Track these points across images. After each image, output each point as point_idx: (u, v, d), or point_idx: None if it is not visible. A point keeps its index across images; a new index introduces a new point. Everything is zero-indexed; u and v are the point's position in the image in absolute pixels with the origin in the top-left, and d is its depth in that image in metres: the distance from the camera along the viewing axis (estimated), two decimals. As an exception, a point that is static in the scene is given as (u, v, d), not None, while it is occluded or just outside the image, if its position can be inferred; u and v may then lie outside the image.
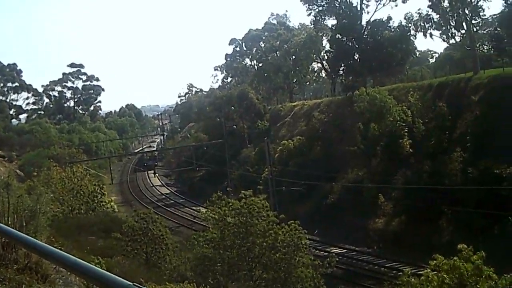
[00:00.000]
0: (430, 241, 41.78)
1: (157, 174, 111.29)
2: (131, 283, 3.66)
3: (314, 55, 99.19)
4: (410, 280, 18.15)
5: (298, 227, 26.72)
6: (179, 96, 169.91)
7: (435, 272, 17.84)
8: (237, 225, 25.67)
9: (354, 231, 51.47)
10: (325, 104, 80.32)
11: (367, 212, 52.24)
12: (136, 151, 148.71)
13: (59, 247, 14.18)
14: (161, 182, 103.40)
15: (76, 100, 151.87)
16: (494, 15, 68.44)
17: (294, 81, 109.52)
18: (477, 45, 69.34)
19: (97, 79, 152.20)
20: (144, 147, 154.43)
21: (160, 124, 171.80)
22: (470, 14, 61.84)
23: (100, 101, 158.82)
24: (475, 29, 66.06)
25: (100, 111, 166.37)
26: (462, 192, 42.72)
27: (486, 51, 72.41)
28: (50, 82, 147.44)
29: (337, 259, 30.52)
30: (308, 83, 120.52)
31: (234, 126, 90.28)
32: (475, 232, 37.42)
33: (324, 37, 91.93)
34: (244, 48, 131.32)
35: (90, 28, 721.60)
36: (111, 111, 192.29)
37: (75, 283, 11.19)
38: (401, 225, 48.89)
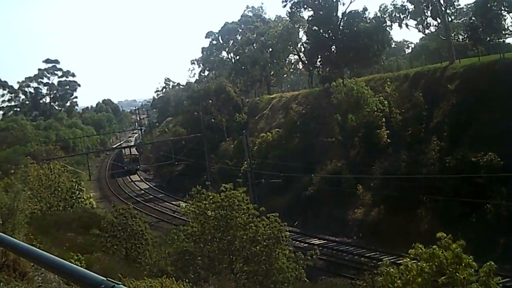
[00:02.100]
0: (408, 230, 42.11)
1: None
2: (105, 279, 3.64)
3: (291, 47, 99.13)
4: (389, 270, 18.22)
5: (278, 219, 26.75)
6: (156, 91, 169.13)
7: (414, 261, 17.94)
8: (217, 218, 25.64)
9: (334, 221, 51.74)
10: (302, 96, 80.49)
11: (346, 202, 52.53)
12: (114, 146, 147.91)
13: (38, 245, 14.07)
14: (139, 178, 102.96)
15: (52, 96, 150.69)
16: (469, 4, 69.12)
17: (271, 73, 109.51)
18: (452, 35, 69.89)
19: (73, 75, 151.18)
20: (121, 142, 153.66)
21: (138, 119, 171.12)
22: (445, 4, 62.30)
23: (76, 97, 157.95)
24: (450, 19, 66.59)
25: (76, 107, 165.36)
26: (440, 181, 43.08)
27: (461, 40, 73.00)
28: (25, 78, 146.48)
29: (318, 250, 30.58)
30: (285, 75, 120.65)
31: (212, 120, 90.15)
32: (453, 220, 37.76)
33: (300, 29, 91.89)
34: (221, 41, 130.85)
35: (65, 23, 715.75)
36: (87, 107, 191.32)
37: (54, 280, 11.09)
38: (380, 215, 49.23)
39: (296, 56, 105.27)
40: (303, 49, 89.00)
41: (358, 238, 48.92)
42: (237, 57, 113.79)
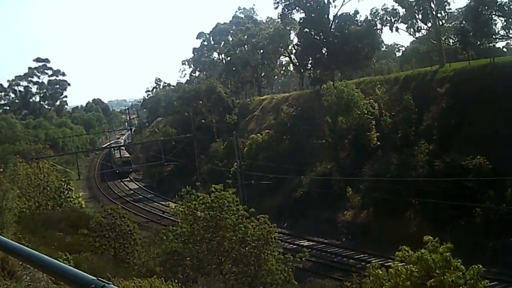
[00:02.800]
0: (397, 232, 42.19)
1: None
2: (95, 278, 3.63)
3: (282, 49, 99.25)
4: (377, 272, 18.28)
5: (267, 220, 26.74)
6: (146, 91, 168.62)
7: (403, 264, 18.01)
8: (207, 219, 25.60)
9: (323, 223, 51.80)
10: (293, 97, 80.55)
11: (336, 204, 52.63)
12: (103, 146, 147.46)
13: (26, 244, 14.02)
14: (129, 177, 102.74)
15: (42, 95, 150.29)
16: (460, 8, 69.28)
17: (262, 75, 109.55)
18: (443, 39, 70.08)
19: (63, 74, 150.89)
20: (111, 142, 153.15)
21: (128, 118, 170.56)
22: (436, 8, 62.56)
23: (66, 96, 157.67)
24: (441, 23, 66.85)
25: (66, 106, 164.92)
26: (429, 184, 43.22)
27: (452, 44, 73.22)
28: (15, 77, 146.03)
29: (307, 252, 30.63)
30: (276, 77, 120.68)
31: (203, 121, 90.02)
32: (442, 223, 37.94)
33: (291, 31, 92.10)
34: (212, 42, 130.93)
35: (56, 22, 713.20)
36: (77, 106, 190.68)
37: (42, 279, 11.07)
38: (369, 217, 49.34)
39: (287, 58, 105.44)
40: (294, 51, 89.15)
41: (347, 240, 49.00)
42: (228, 58, 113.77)
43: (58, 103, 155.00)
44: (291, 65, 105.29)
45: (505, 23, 51.97)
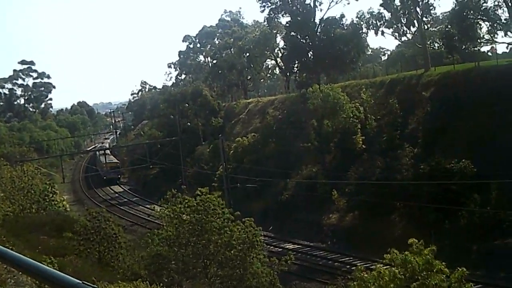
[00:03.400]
0: (382, 235, 42.30)
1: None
2: (80, 281, 3.61)
3: (268, 52, 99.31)
4: (363, 275, 18.31)
5: (253, 224, 26.73)
6: (132, 94, 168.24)
7: (387, 267, 18.05)
8: (192, 222, 25.54)
9: (308, 226, 51.84)
10: (279, 101, 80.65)
11: (321, 207, 52.69)
12: (88, 149, 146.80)
13: (11, 247, 13.90)
14: (118, 184, 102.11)
15: (26, 97, 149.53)
16: (445, 12, 69.87)
17: (248, 78, 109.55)
18: (428, 43, 70.57)
19: (48, 76, 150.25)
20: (96, 145, 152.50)
21: (113, 121, 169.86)
22: (421, 12, 62.90)
23: (51, 99, 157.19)
24: (426, 27, 67.23)
25: (51, 109, 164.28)
26: (414, 187, 43.43)
27: (437, 48, 73.73)
28: (0, 79, 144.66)
29: (292, 255, 30.61)
30: (262, 80, 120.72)
31: (189, 124, 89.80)
32: (427, 226, 38.06)
33: (278, 34, 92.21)
34: (198, 45, 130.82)
35: (41, 24, 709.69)
36: (62, 109, 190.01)
37: (27, 282, 10.99)
38: (354, 220, 49.45)
39: (273, 61, 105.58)
40: (280, 55, 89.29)
41: (333, 243, 49.07)
42: (214, 61, 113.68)
43: (43, 105, 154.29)
44: (277, 68, 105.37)
45: (490, 28, 52.35)
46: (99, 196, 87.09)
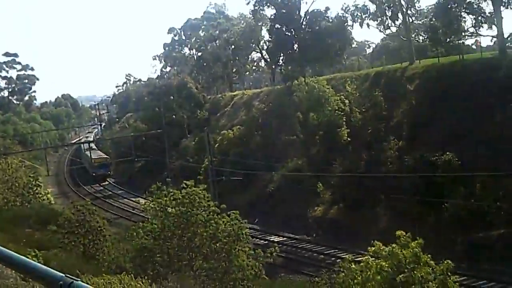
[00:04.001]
0: (367, 228, 42.50)
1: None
2: (63, 275, 3.56)
3: (254, 45, 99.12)
4: (351, 266, 18.38)
5: (238, 216, 26.68)
6: (116, 86, 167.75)
7: (374, 259, 18.11)
8: (177, 215, 25.43)
9: (294, 219, 51.93)
10: (264, 93, 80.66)
11: (307, 200, 52.80)
12: (73, 142, 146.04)
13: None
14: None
15: (10, 90, 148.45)
16: (429, 5, 69.91)
17: (233, 70, 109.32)
18: (413, 36, 70.76)
19: (32, 69, 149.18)
20: (81, 137, 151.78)
21: (97, 114, 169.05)
22: (406, 5, 63.04)
23: (35, 91, 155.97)
24: (410, 20, 67.41)
25: (35, 101, 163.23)
26: (398, 180, 43.67)
27: (421, 41, 73.94)
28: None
29: (278, 247, 30.63)
30: (247, 73, 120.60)
31: (174, 116, 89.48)
32: (411, 219, 38.24)
33: (263, 27, 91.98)
34: (183, 37, 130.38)
35: (24, 16, 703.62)
36: (46, 101, 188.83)
37: (11, 276, 10.91)
38: (339, 213, 49.62)
39: (258, 54, 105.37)
40: (265, 47, 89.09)
41: (318, 236, 49.22)
42: (199, 54, 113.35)
43: (27, 98, 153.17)
44: (262, 61, 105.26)
45: (474, 21, 52.48)
46: (84, 189, 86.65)
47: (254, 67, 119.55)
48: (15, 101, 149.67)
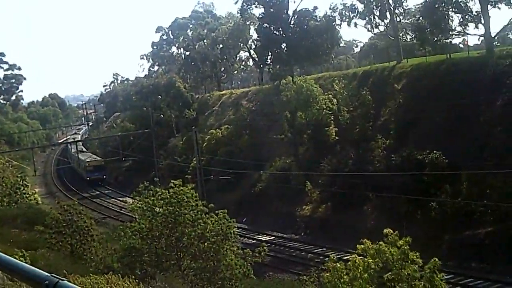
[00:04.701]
0: (355, 226, 42.63)
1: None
2: (49, 275, 3.55)
3: (242, 44, 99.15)
4: (336, 265, 18.40)
5: (226, 216, 26.68)
6: (104, 85, 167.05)
7: (361, 257, 18.14)
8: (165, 215, 25.41)
9: (282, 218, 52.04)
10: (253, 93, 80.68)
11: (295, 199, 52.89)
12: (60, 141, 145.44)
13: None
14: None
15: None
16: (417, 5, 70.12)
17: (221, 70, 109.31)
18: (401, 35, 70.96)
19: (19, 68, 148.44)
20: (68, 137, 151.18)
21: (85, 113, 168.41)
22: (393, 4, 63.17)
23: (22, 91, 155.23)
24: (398, 19, 67.57)
25: (22, 101, 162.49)
26: (386, 178, 43.78)
27: (409, 40, 74.18)
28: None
29: (266, 247, 30.66)
30: (236, 72, 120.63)
31: (162, 116, 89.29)
32: (399, 217, 38.40)
33: (251, 26, 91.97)
34: (171, 37, 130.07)
35: (11, 15, 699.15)
36: (33, 101, 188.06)
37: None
38: (327, 211, 49.74)
39: (246, 53, 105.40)
40: (253, 46, 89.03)
41: (306, 235, 49.34)
42: (188, 53, 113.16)
43: (13, 97, 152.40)
44: (250, 60, 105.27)
45: (461, 20, 52.65)
46: (71, 189, 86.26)
47: (242, 66, 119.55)
48: (2, 101, 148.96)
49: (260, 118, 68.59)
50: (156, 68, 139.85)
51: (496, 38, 54.09)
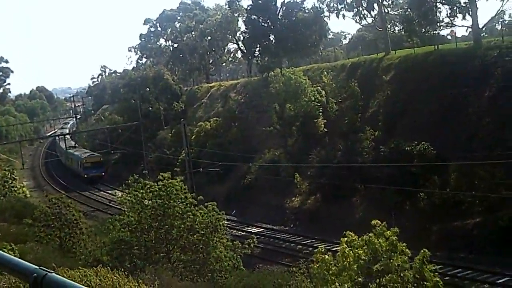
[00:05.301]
0: (344, 217, 42.78)
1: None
2: (36, 267, 3.51)
3: (230, 36, 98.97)
4: (324, 257, 18.43)
5: (216, 208, 26.69)
6: (91, 78, 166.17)
7: (350, 248, 18.18)
8: (154, 207, 25.37)
9: (271, 210, 52.08)
10: (241, 85, 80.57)
11: (284, 191, 52.97)
12: (48, 134, 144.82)
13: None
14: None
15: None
16: (405, -4, 70.27)
17: (210, 62, 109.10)
18: (389, 26, 71.04)
19: (6, 61, 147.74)
20: (56, 130, 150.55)
21: (73, 106, 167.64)
22: (381, -4, 63.24)
23: (9, 84, 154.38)
24: (386, 11, 67.67)
25: (9, 94, 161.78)
26: (375, 170, 43.95)
27: (397, 32, 74.32)
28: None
29: (255, 238, 30.69)
30: (224, 64, 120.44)
31: (150, 108, 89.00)
32: (388, 208, 38.51)
33: (239, 18, 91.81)
34: (159, 29, 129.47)
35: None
36: (21, 94, 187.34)
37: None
38: (316, 203, 49.84)
39: (235, 45, 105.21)
40: (242, 38, 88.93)
41: (295, 226, 49.42)
42: (176, 45, 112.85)
43: (1, 90, 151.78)
44: (239, 52, 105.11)
45: (449, 11, 52.82)
46: (60, 182, 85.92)
47: (230, 58, 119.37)
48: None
49: (249, 110, 68.56)
50: (144, 60, 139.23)
51: (483, 29, 54.29)
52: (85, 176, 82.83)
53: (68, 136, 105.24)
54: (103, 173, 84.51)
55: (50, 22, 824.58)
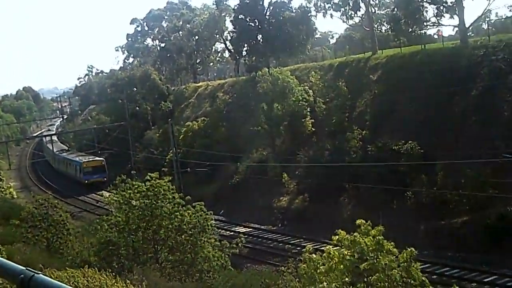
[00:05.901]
0: (332, 217, 42.83)
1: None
2: (23, 268, 3.50)
3: (217, 36, 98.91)
4: (311, 256, 18.43)
5: (203, 208, 26.67)
6: (78, 78, 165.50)
7: (336, 248, 18.18)
8: (142, 208, 25.32)
9: (259, 209, 52.09)
10: (229, 84, 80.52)
11: (272, 190, 53.01)
12: (34, 135, 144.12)
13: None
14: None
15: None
16: (392, -4, 70.48)
17: (197, 61, 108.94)
18: (376, 26, 71.25)
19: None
20: (43, 130, 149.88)
21: (59, 106, 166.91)
22: (369, -5, 63.41)
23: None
24: (373, 10, 67.88)
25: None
26: (362, 169, 44.05)
27: (384, 31, 74.58)
28: None
29: (244, 238, 30.69)
30: (211, 64, 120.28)
31: (137, 108, 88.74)
32: (375, 207, 38.62)
33: (227, 17, 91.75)
34: (146, 28, 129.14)
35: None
36: (7, 94, 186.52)
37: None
38: (304, 202, 49.91)
39: (222, 45, 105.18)
40: (229, 38, 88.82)
41: (283, 226, 49.47)
42: (163, 45, 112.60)
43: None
44: (226, 51, 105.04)
45: (436, 10, 53.00)
46: (47, 182, 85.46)
47: (218, 58, 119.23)
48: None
49: (236, 110, 68.50)
50: (131, 60, 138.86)
51: (470, 29, 54.54)
52: (86, 181, 76.51)
53: (55, 137, 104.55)
54: (105, 178, 74.21)
55: (36, 22, 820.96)
